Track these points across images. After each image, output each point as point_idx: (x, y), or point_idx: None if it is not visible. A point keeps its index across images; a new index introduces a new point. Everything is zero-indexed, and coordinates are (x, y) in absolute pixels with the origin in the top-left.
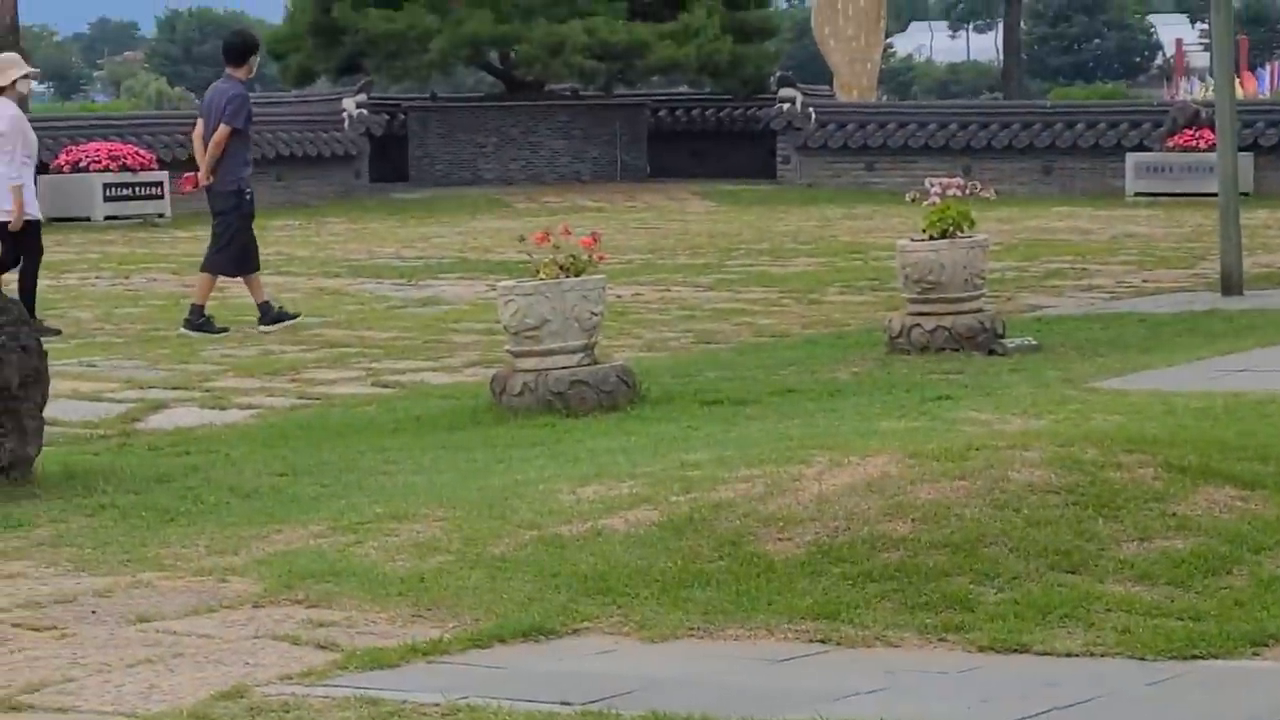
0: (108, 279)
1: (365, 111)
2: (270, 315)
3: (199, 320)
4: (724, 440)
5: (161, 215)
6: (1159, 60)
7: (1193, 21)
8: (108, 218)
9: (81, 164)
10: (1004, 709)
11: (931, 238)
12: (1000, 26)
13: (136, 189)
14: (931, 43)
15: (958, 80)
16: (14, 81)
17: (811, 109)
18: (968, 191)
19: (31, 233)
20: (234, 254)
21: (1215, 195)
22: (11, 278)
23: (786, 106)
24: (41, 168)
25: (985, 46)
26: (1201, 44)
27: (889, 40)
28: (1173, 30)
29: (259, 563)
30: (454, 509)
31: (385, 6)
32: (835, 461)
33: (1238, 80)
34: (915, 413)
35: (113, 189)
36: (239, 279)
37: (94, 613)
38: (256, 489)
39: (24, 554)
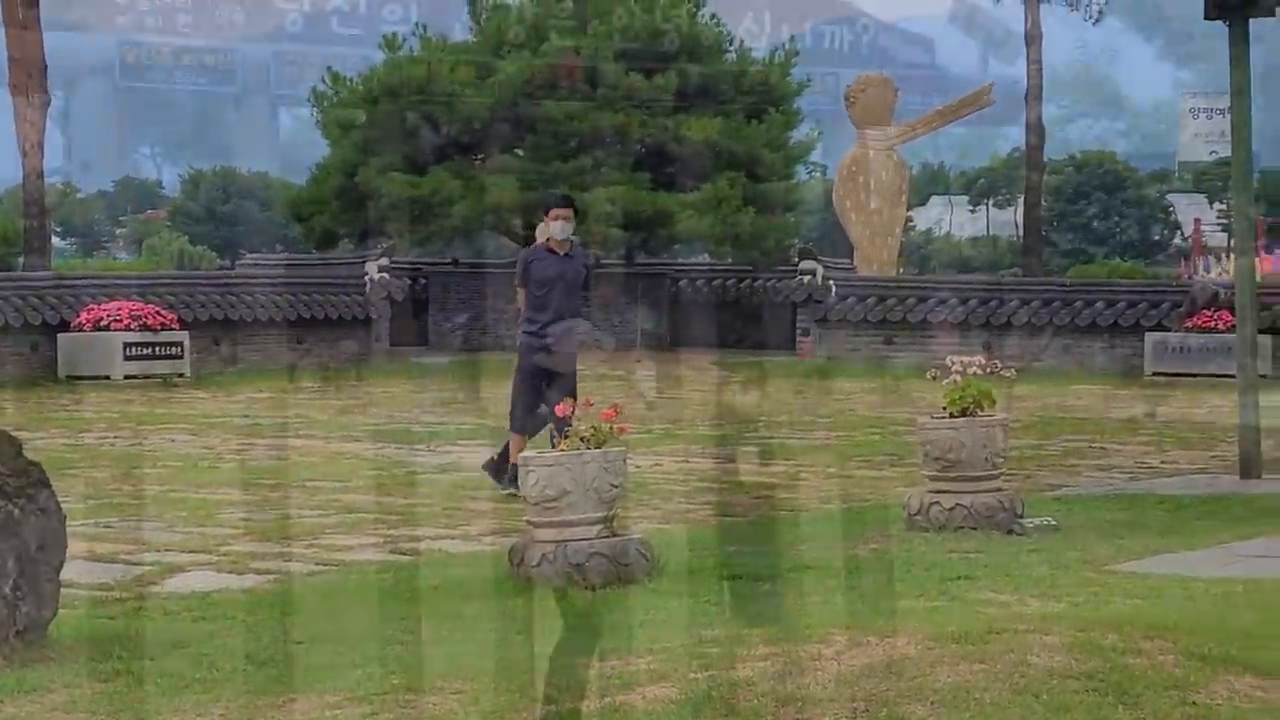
0: (126, 438)
1: (387, 275)
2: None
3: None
4: (742, 616)
5: (181, 375)
6: (1177, 239)
7: (1211, 201)
8: (128, 376)
9: (103, 322)
10: None
11: (952, 415)
12: (1020, 202)
13: (157, 348)
14: (951, 217)
15: (978, 255)
16: None
17: (832, 282)
18: (989, 370)
19: None
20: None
21: (1234, 377)
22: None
23: (807, 279)
24: (63, 325)
25: (1005, 221)
26: (1219, 224)
27: (909, 214)
28: (1191, 210)
29: None
30: (471, 681)
31: (409, 172)
32: (854, 641)
33: (1257, 261)
34: (935, 592)
35: (133, 348)
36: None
37: None
38: (272, 657)
39: None
